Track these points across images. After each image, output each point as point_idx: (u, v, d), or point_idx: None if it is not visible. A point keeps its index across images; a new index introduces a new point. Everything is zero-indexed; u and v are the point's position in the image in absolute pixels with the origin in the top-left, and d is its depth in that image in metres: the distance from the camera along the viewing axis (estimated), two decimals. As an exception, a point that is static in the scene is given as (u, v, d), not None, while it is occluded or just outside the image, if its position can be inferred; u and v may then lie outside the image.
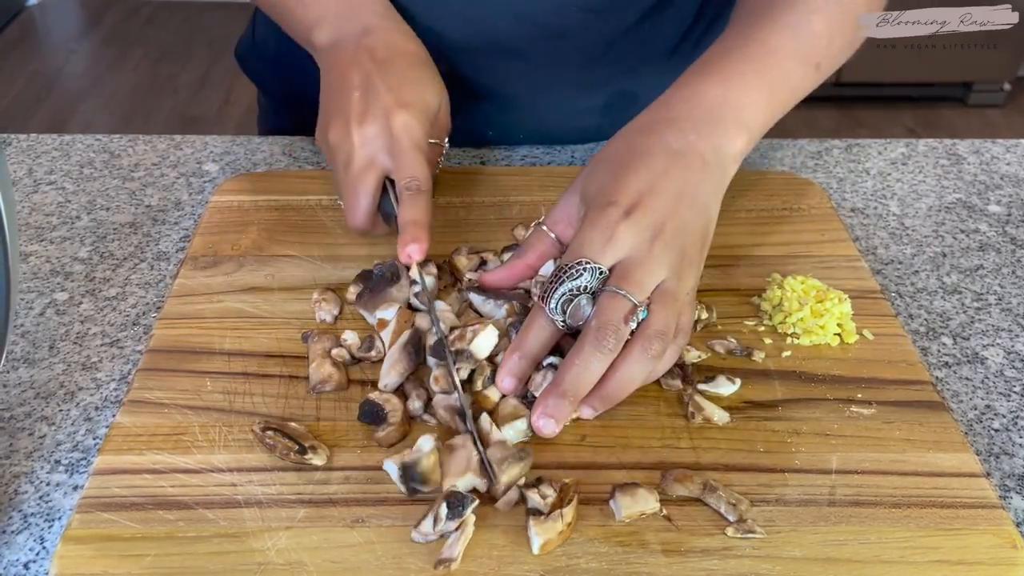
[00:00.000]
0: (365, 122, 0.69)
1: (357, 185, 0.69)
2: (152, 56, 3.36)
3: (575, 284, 0.58)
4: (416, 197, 0.68)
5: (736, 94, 0.66)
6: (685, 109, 0.65)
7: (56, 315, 0.71)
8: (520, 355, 0.59)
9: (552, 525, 0.51)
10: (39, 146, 0.92)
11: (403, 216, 0.68)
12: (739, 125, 0.65)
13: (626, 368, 0.57)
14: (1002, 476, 0.60)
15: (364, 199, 0.70)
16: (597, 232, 0.59)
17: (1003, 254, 0.80)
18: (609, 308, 0.57)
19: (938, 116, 3.03)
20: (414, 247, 0.66)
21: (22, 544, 0.55)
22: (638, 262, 0.59)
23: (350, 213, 0.71)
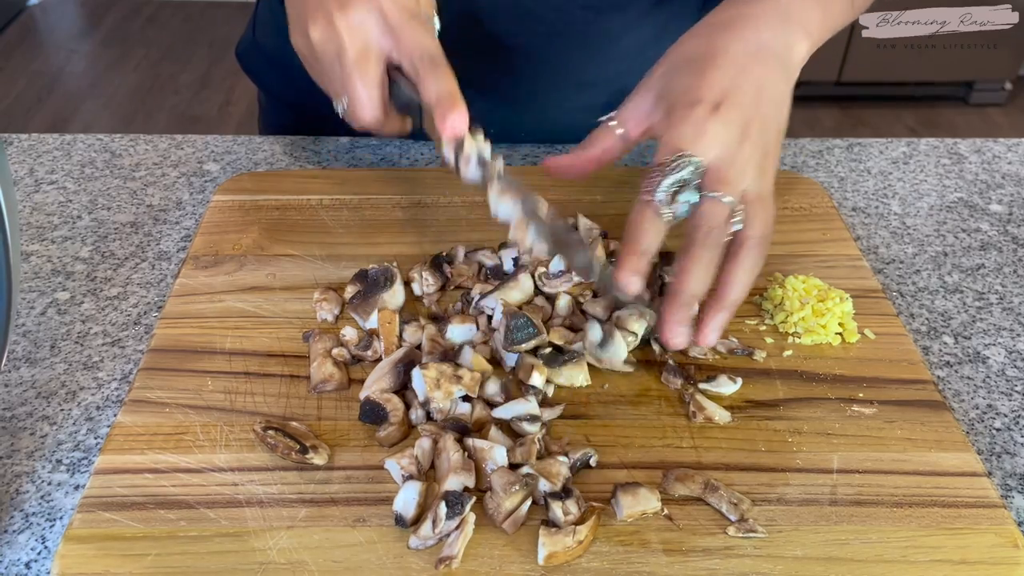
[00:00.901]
0: (348, 7, 0.63)
1: (358, 75, 0.64)
2: (153, 56, 3.36)
3: (679, 176, 0.59)
4: (434, 67, 0.63)
5: (798, 5, 0.66)
6: (760, 8, 0.65)
7: (57, 315, 0.71)
8: (638, 253, 0.59)
9: (562, 539, 0.51)
10: (40, 146, 0.92)
11: (429, 91, 0.62)
12: (805, 30, 0.66)
13: (741, 272, 0.60)
14: (1004, 475, 0.60)
15: (371, 88, 0.64)
16: (688, 128, 0.60)
17: (1004, 253, 0.80)
18: (710, 213, 0.59)
19: (939, 115, 3.02)
20: (455, 116, 0.62)
21: (23, 543, 0.55)
22: (729, 162, 0.60)
23: (359, 109, 0.65)
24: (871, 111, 3.03)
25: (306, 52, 0.67)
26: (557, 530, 0.52)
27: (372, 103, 0.65)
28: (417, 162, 0.90)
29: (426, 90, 0.63)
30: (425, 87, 0.63)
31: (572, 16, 0.83)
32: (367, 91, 0.64)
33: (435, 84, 0.62)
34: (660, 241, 0.60)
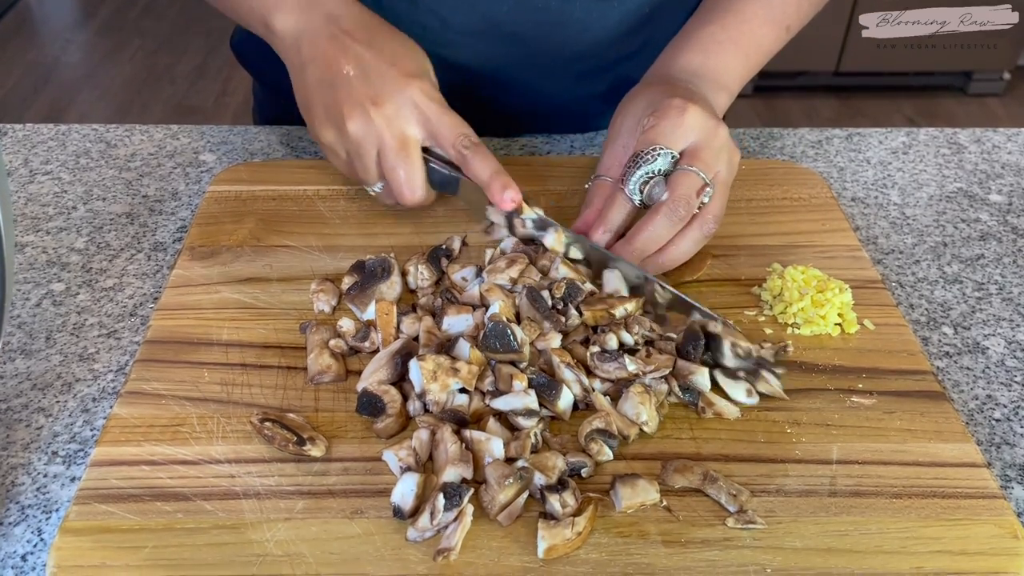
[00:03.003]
0: (382, 101, 0.68)
1: (403, 164, 0.69)
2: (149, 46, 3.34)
3: (651, 168, 0.67)
4: (478, 151, 0.69)
5: (714, 60, 0.75)
6: (674, 75, 0.74)
7: (53, 306, 0.71)
8: (604, 229, 0.68)
9: (560, 531, 0.51)
10: (35, 136, 0.91)
11: (479, 173, 0.69)
12: (719, 85, 0.75)
13: (685, 243, 0.67)
14: (1003, 466, 0.60)
15: (416, 174, 0.70)
16: (667, 121, 0.67)
17: (1004, 243, 0.80)
18: (684, 184, 0.66)
19: (938, 105, 3.02)
20: (510, 192, 0.68)
21: (20, 536, 0.55)
22: (706, 144, 0.67)
23: (407, 193, 0.70)
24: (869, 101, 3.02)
25: (339, 147, 0.71)
26: (556, 522, 0.52)
27: (418, 186, 0.70)
28: (414, 152, 0.89)
29: (476, 171, 0.69)
30: (475, 170, 0.69)
31: (573, 5, 0.82)
32: (411, 177, 0.70)
33: (484, 167, 0.69)
34: (627, 221, 0.68)
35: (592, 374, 0.61)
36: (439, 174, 0.71)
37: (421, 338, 0.63)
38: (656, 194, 0.66)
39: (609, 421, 0.57)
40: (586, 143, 0.92)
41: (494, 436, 0.56)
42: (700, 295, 0.69)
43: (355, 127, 0.68)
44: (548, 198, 0.79)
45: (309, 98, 0.71)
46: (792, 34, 0.81)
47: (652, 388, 0.59)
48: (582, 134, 0.93)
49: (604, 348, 0.61)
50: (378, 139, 0.69)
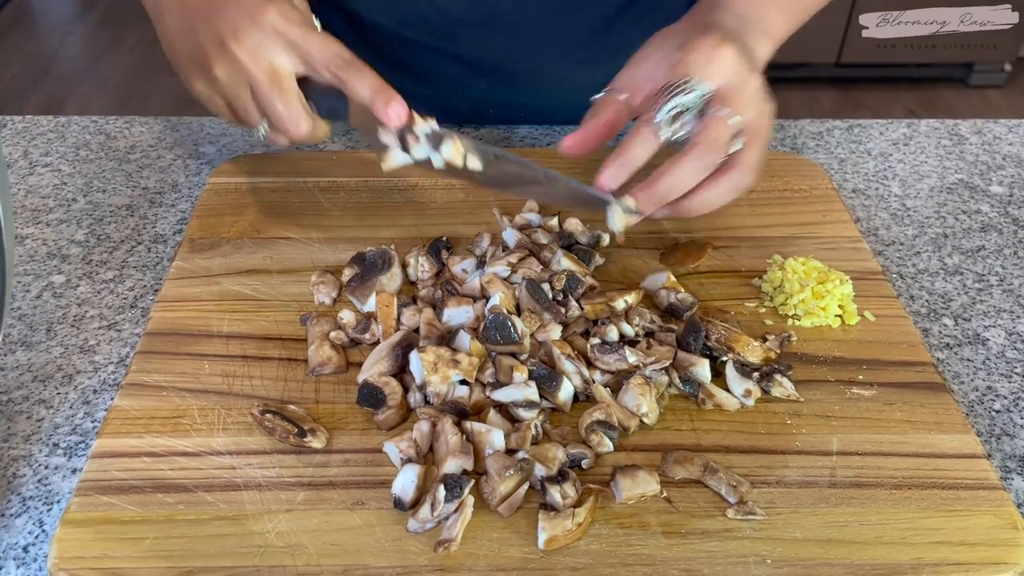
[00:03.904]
0: (241, 36, 0.63)
1: (278, 97, 0.64)
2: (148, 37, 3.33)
3: (683, 100, 0.61)
4: (353, 68, 0.63)
5: (759, 9, 0.69)
6: (718, 17, 0.68)
7: (53, 298, 0.71)
8: (622, 163, 0.62)
9: (561, 522, 0.51)
10: (35, 128, 0.91)
11: (359, 91, 0.63)
12: (763, 31, 0.69)
13: (716, 190, 0.63)
14: (1003, 457, 0.60)
15: (294, 105, 0.64)
16: (701, 54, 0.62)
17: (1005, 235, 0.80)
18: (715, 128, 0.61)
19: (938, 97, 3.01)
20: (395, 105, 0.63)
21: (21, 527, 0.55)
22: (739, 87, 0.62)
23: (290, 127, 0.65)
24: (870, 93, 3.01)
25: (208, 92, 0.66)
26: (556, 513, 0.52)
27: (299, 117, 0.65)
28: (414, 144, 0.89)
29: (355, 90, 0.63)
30: (353, 88, 0.63)
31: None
32: (291, 109, 0.64)
33: (363, 84, 0.63)
34: (648, 157, 0.63)
35: (592, 366, 0.61)
36: (324, 101, 0.66)
37: (422, 330, 0.63)
38: (687, 131, 0.61)
39: (609, 412, 0.57)
40: (586, 135, 0.91)
41: (495, 428, 0.56)
42: (700, 286, 0.69)
43: (221, 70, 0.63)
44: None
45: (174, 49, 0.67)
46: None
47: (652, 380, 0.59)
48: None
49: (604, 340, 0.61)
50: (247, 77, 0.63)
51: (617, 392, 0.59)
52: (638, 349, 0.61)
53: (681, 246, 0.73)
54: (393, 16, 0.85)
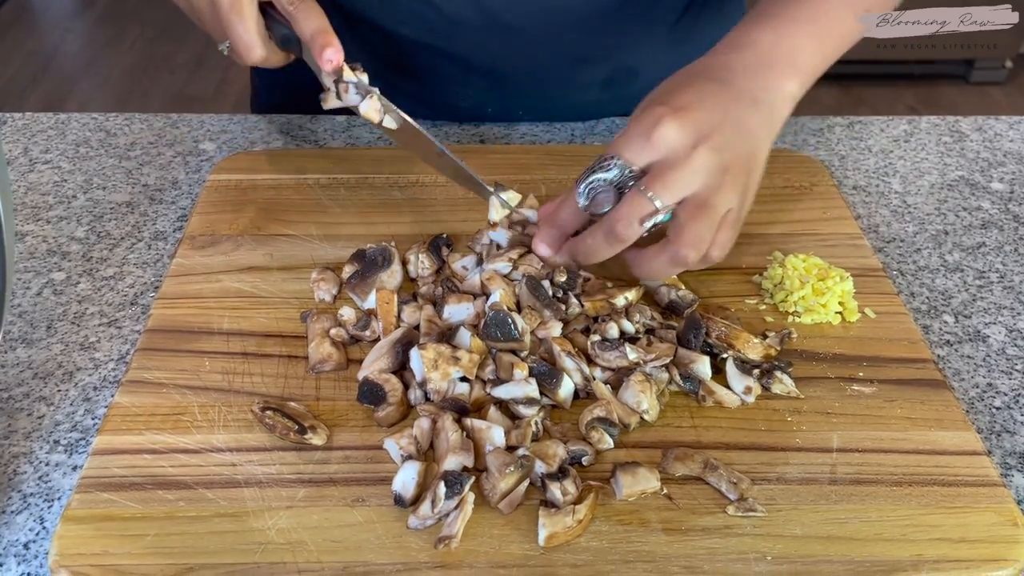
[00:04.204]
0: None
1: (235, 20, 0.67)
2: (148, 35, 3.33)
3: (603, 176, 0.62)
4: (303, 7, 0.67)
5: (788, 40, 0.68)
6: (738, 56, 0.67)
7: (53, 295, 0.71)
8: (551, 225, 0.66)
9: (562, 519, 0.51)
10: (35, 125, 0.91)
11: (303, 29, 0.67)
12: (792, 68, 0.67)
13: (650, 263, 0.63)
14: (1003, 454, 0.60)
15: (249, 31, 0.67)
16: (639, 128, 0.61)
17: (1006, 232, 0.80)
18: (630, 205, 0.61)
19: (939, 94, 3.01)
20: (330, 51, 0.66)
21: (22, 524, 0.55)
22: (672, 164, 0.60)
23: (243, 51, 0.68)
24: (871, 90, 3.01)
25: (185, 6, 0.71)
26: (556, 510, 0.52)
27: (253, 43, 0.68)
28: (415, 141, 0.89)
29: (300, 28, 0.67)
30: (299, 26, 0.67)
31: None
32: (247, 34, 0.68)
33: (307, 22, 0.66)
34: (576, 224, 0.65)
35: (593, 363, 0.61)
36: (280, 31, 0.70)
37: (422, 327, 0.63)
38: (599, 203, 0.62)
39: (610, 409, 0.57)
40: (586, 131, 0.91)
41: (495, 424, 0.56)
42: (701, 283, 0.69)
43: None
44: (548, 186, 0.78)
45: None
46: None
47: (653, 376, 0.59)
48: (582, 122, 0.92)
49: (605, 337, 0.61)
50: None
51: (617, 389, 0.59)
52: (638, 346, 0.61)
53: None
54: (391, 16, 0.85)
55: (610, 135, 0.91)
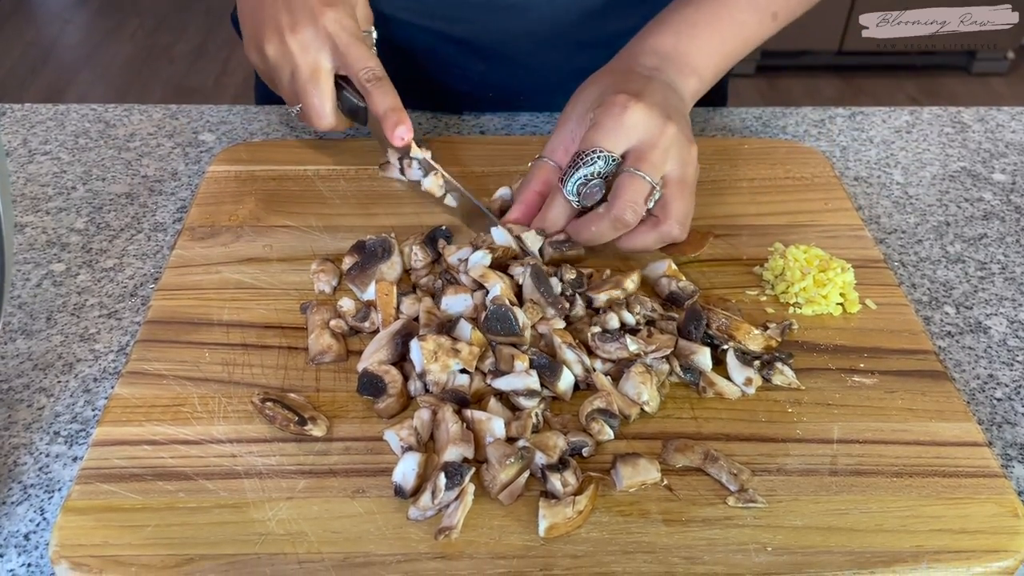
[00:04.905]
0: (297, 28, 0.70)
1: (312, 90, 0.71)
2: (148, 26, 3.32)
3: (590, 170, 0.64)
4: (380, 85, 0.71)
5: (686, 43, 0.72)
6: (641, 59, 0.72)
7: (53, 286, 0.71)
8: (543, 229, 0.68)
9: (562, 510, 0.51)
10: (34, 116, 0.91)
11: (377, 106, 0.71)
12: (689, 68, 0.72)
13: (640, 240, 0.66)
14: (1004, 445, 0.60)
15: (325, 102, 0.72)
16: (610, 119, 0.65)
17: (1007, 223, 0.80)
18: (630, 188, 0.64)
19: (941, 85, 3.00)
20: (402, 129, 0.70)
21: (22, 515, 0.55)
22: (652, 144, 0.65)
23: (315, 118, 0.73)
24: (872, 81, 3.00)
25: (261, 66, 0.74)
26: (556, 501, 0.52)
27: (326, 113, 0.73)
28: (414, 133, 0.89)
29: (374, 104, 0.71)
30: (373, 102, 0.71)
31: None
32: (320, 103, 0.72)
33: (382, 100, 0.71)
34: (566, 220, 0.67)
35: (593, 354, 0.61)
36: (350, 103, 0.74)
37: (421, 318, 0.63)
38: (593, 197, 0.65)
39: (610, 401, 0.57)
40: (587, 122, 0.91)
41: (495, 416, 0.56)
42: (702, 275, 0.69)
43: (272, 50, 0.71)
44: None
45: (243, 22, 0.75)
46: (781, 23, 0.78)
47: (653, 368, 0.59)
48: (583, 113, 0.92)
49: (605, 328, 0.61)
50: (292, 64, 0.71)
51: (618, 380, 0.59)
52: (638, 337, 0.60)
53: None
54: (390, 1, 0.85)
55: (611, 126, 0.90)
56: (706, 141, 0.85)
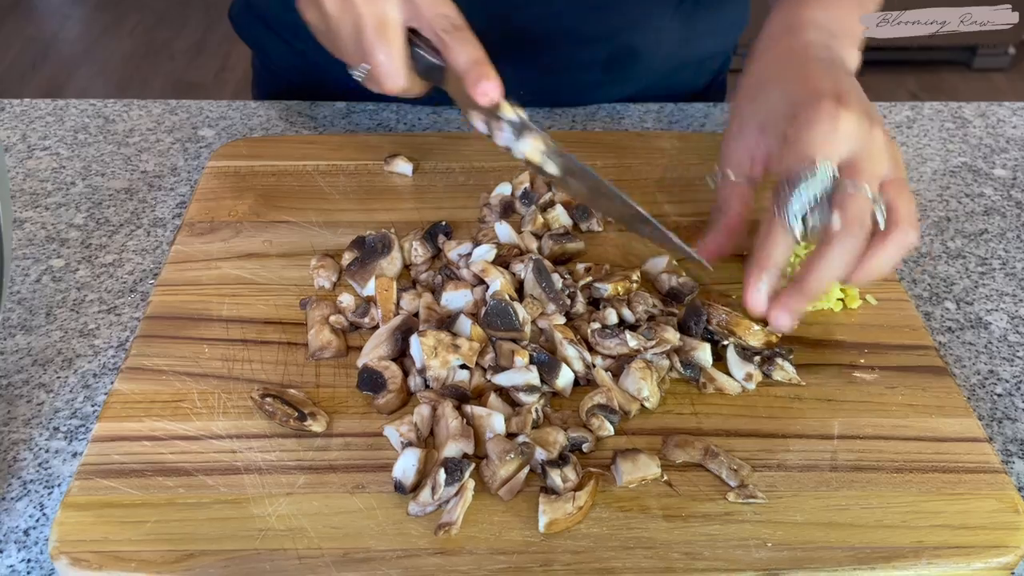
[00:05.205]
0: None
1: (380, 46, 0.63)
2: (148, 21, 3.32)
3: (811, 193, 0.56)
4: (459, 34, 0.63)
5: (835, 12, 0.66)
6: (807, 36, 0.64)
7: (52, 282, 0.71)
8: (767, 272, 0.58)
9: (562, 506, 0.51)
10: (33, 111, 0.90)
11: (458, 59, 0.62)
12: (850, 38, 0.66)
13: (881, 260, 0.57)
14: (1004, 441, 0.60)
15: (395, 58, 0.63)
16: (820, 126, 0.57)
17: (1008, 218, 0.80)
18: (854, 206, 0.55)
19: (942, 80, 3.00)
20: (488, 85, 0.62)
21: (22, 511, 0.55)
22: (866, 153, 0.57)
23: (385, 78, 0.64)
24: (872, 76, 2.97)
25: (319, 24, 0.66)
26: (557, 497, 0.52)
27: (397, 71, 0.64)
28: (415, 127, 0.89)
29: (454, 58, 0.62)
30: (453, 55, 0.62)
31: None
32: (391, 61, 0.63)
33: (463, 52, 0.62)
34: (789, 256, 0.59)
35: (593, 350, 0.61)
36: (424, 61, 0.65)
37: (421, 314, 0.63)
38: (824, 224, 0.56)
39: (610, 396, 0.57)
40: (587, 117, 0.91)
41: (495, 411, 0.56)
42: (703, 269, 0.69)
43: (332, 5, 0.63)
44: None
45: None
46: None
47: (654, 364, 0.59)
48: (583, 108, 0.92)
49: (604, 324, 0.61)
50: (354, 17, 0.63)
51: (618, 376, 0.59)
52: (641, 333, 0.60)
53: (682, 229, 0.72)
54: None
55: (612, 121, 0.90)
56: (706, 136, 0.85)
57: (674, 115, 0.92)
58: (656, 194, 0.76)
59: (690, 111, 0.92)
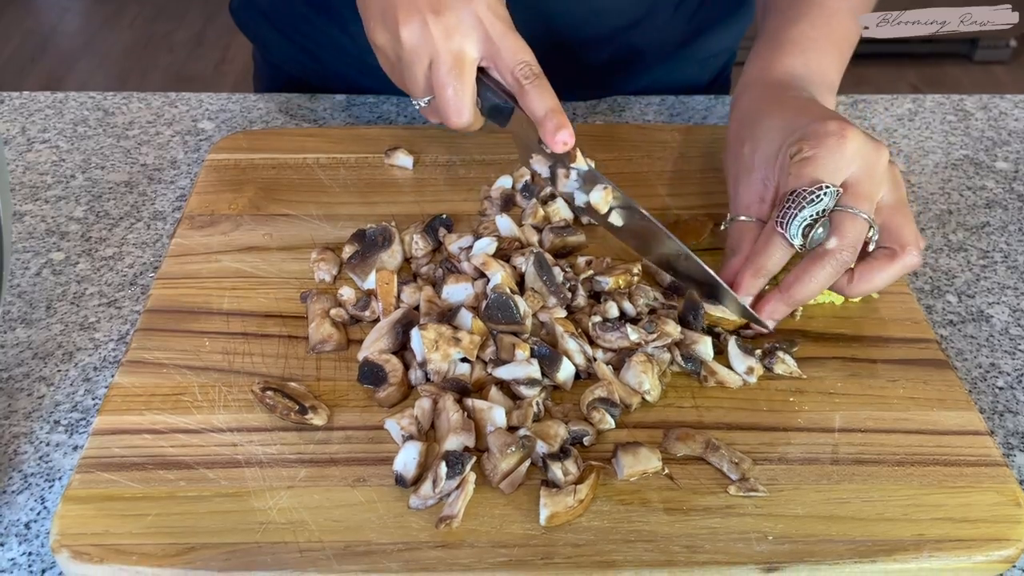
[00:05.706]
0: (443, 11, 0.62)
1: (453, 82, 0.63)
2: (147, 13, 3.31)
3: (816, 208, 0.58)
4: (537, 82, 0.64)
5: (815, 61, 0.69)
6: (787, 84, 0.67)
7: (52, 275, 0.71)
8: (757, 273, 0.60)
9: (563, 499, 0.51)
10: (32, 104, 0.90)
11: (535, 106, 0.63)
12: (827, 87, 0.69)
13: (879, 279, 0.60)
14: (1006, 434, 0.60)
15: (465, 96, 0.64)
16: (827, 150, 0.59)
17: (1010, 211, 0.79)
18: (849, 229, 0.58)
19: (943, 73, 2.99)
20: (564, 133, 0.63)
21: (23, 504, 0.55)
22: (867, 176, 0.59)
23: (452, 113, 0.65)
24: (873, 69, 2.99)
25: (390, 53, 0.66)
26: (558, 490, 0.52)
27: (465, 108, 0.65)
28: (415, 120, 0.89)
29: (533, 105, 0.64)
30: (531, 102, 0.64)
31: None
32: (460, 99, 0.64)
33: (542, 101, 0.64)
34: (783, 264, 0.61)
35: (594, 343, 0.61)
36: (492, 101, 0.66)
37: (422, 307, 0.62)
38: (820, 237, 0.59)
39: (611, 390, 0.57)
40: (588, 111, 0.91)
41: (496, 405, 0.56)
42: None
43: (409, 34, 0.63)
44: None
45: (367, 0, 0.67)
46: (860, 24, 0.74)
47: (655, 357, 0.59)
48: (584, 102, 0.92)
49: (605, 317, 0.61)
50: (432, 51, 0.63)
51: (619, 369, 0.59)
52: (642, 326, 0.60)
53: (682, 223, 0.72)
54: None
55: (613, 114, 0.90)
56: (709, 129, 0.84)
57: (675, 108, 0.91)
58: (657, 186, 0.76)
59: (692, 104, 0.92)
